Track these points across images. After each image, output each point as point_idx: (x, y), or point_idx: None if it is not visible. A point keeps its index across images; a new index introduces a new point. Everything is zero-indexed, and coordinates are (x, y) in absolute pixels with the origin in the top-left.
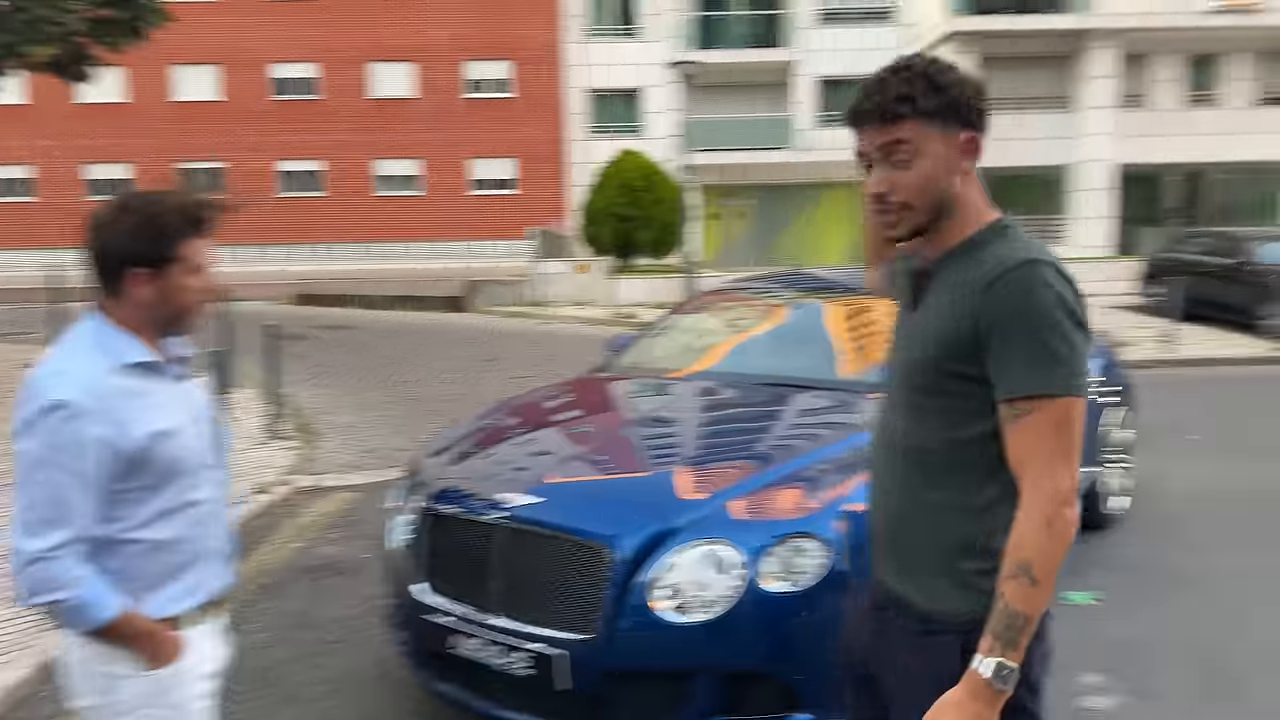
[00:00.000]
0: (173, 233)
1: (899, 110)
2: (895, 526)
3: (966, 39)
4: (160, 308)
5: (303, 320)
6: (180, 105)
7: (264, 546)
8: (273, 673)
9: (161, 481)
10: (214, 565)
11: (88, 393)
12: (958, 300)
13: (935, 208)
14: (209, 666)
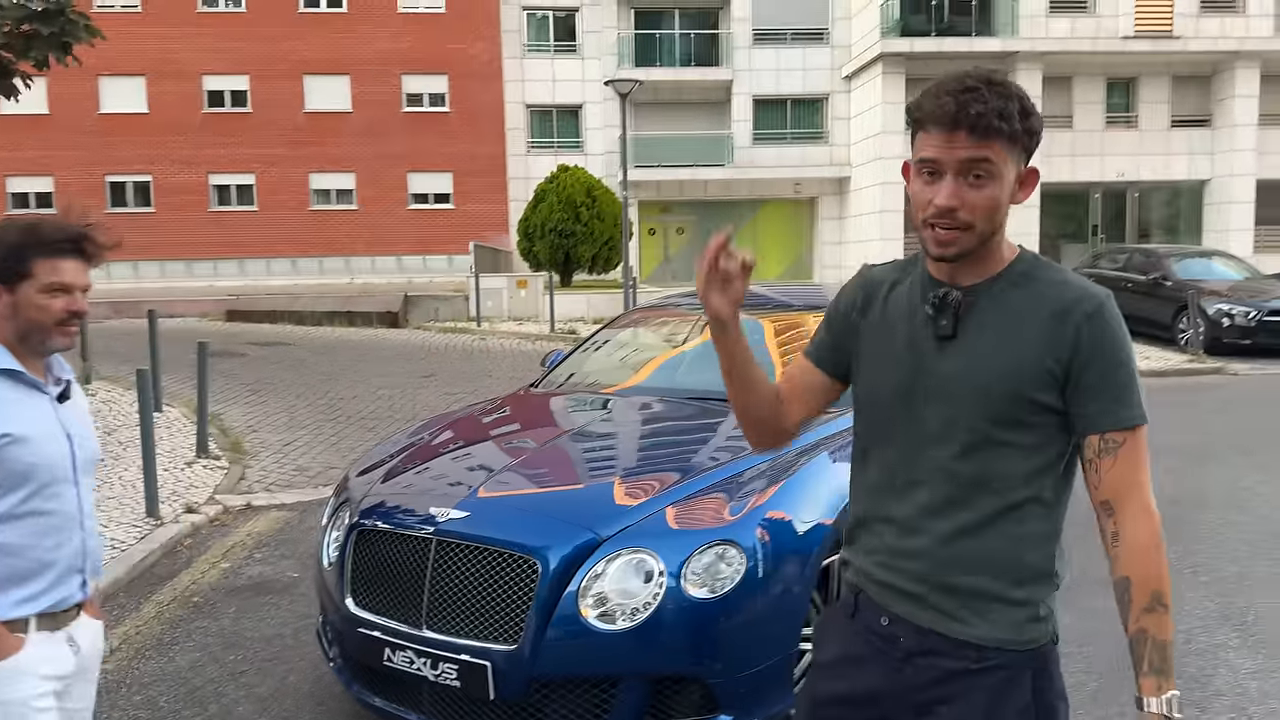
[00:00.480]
0: (19, 251)
1: (997, 127)
2: (947, 561)
3: (895, 60)
4: (14, 322)
5: (232, 337)
6: (107, 117)
7: (193, 566)
8: (203, 692)
9: (14, 483)
10: (61, 577)
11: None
12: (1036, 330)
13: (990, 234)
14: (50, 672)
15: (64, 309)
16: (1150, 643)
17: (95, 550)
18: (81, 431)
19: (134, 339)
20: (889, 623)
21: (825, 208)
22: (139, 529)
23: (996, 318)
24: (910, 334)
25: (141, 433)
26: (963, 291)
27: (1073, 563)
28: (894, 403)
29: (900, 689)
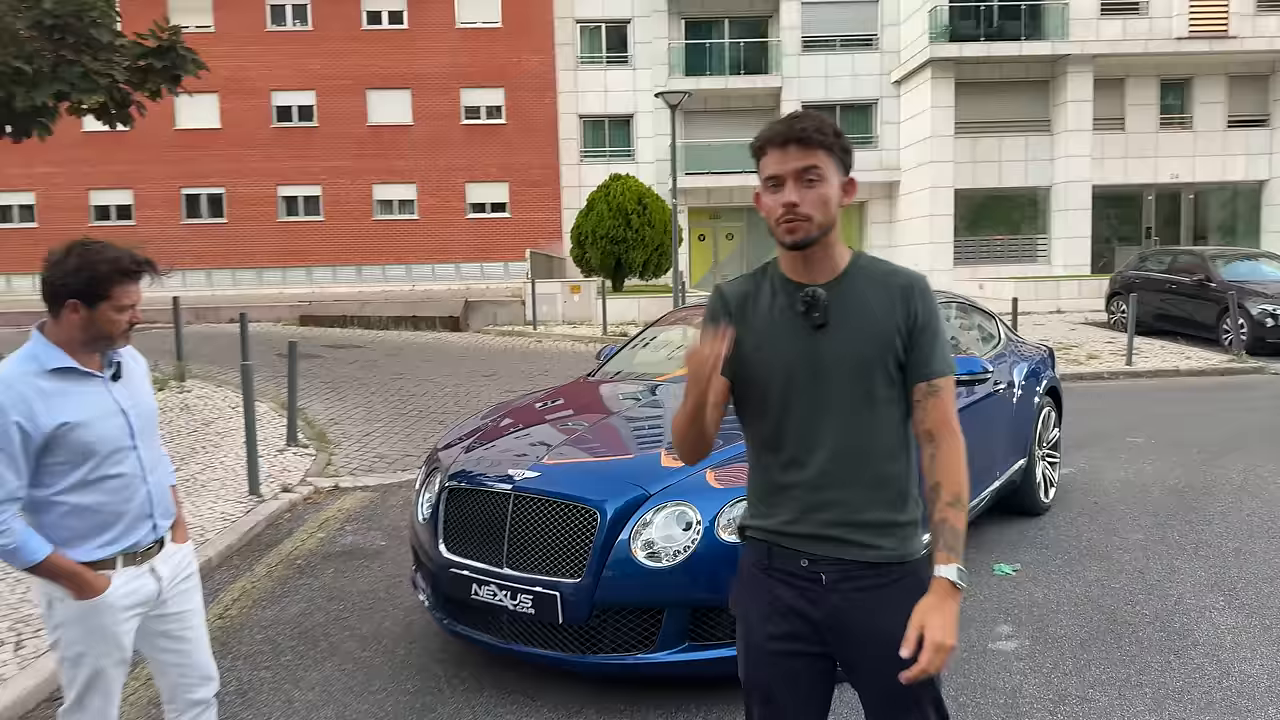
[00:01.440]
0: (104, 278)
1: (818, 139)
2: (854, 503)
3: (944, 65)
4: (88, 331)
5: (308, 340)
6: (183, 133)
7: (294, 536)
8: (313, 633)
9: (77, 459)
10: (133, 524)
11: (8, 394)
12: (885, 309)
13: (826, 227)
14: (132, 601)
15: (129, 321)
16: (948, 528)
17: (162, 497)
18: (136, 402)
19: (215, 342)
20: (809, 564)
21: (875, 212)
22: (244, 505)
23: (853, 305)
24: (787, 329)
25: (246, 421)
26: (822, 288)
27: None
28: (787, 386)
29: (828, 614)
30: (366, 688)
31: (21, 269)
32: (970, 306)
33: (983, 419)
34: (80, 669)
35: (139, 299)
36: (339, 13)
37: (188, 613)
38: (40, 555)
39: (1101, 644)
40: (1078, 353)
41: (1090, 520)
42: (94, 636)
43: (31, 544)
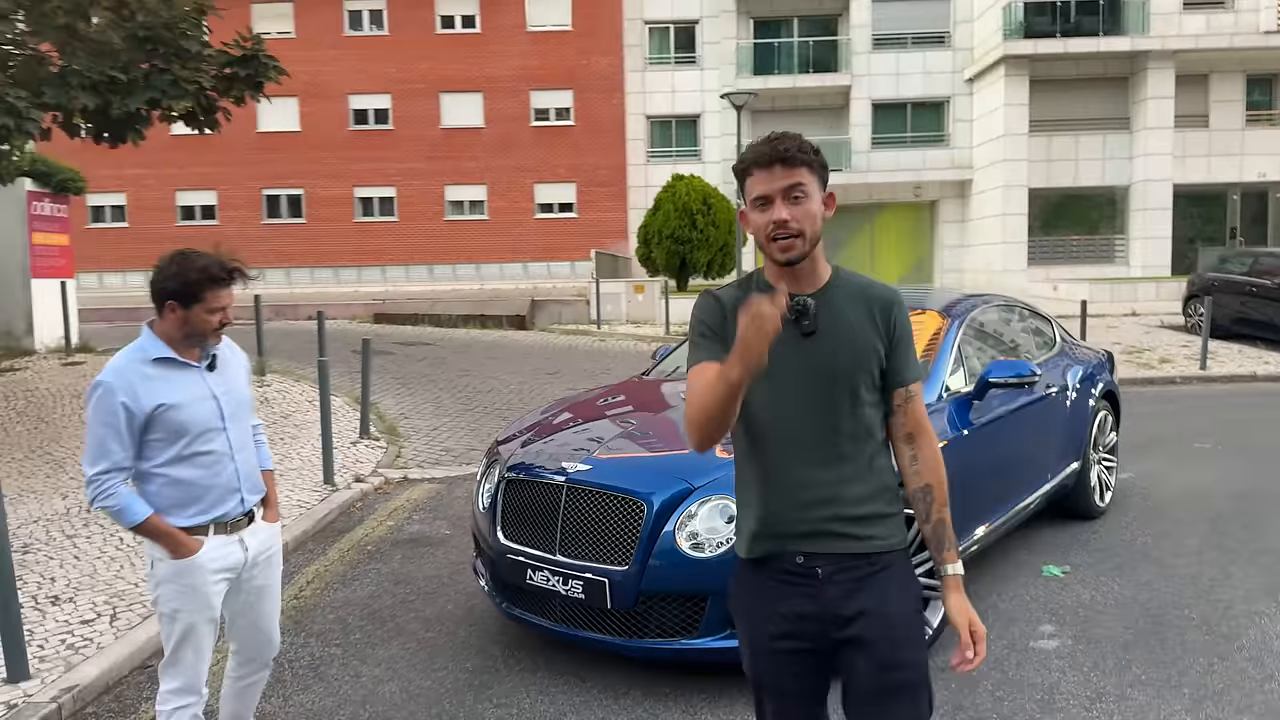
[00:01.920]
0: (197, 284)
1: (801, 158)
2: (847, 499)
3: (1019, 62)
4: (184, 329)
5: (381, 337)
6: (264, 135)
7: (365, 523)
8: (380, 614)
9: (173, 437)
10: (222, 496)
11: (118, 378)
12: (867, 320)
13: (815, 241)
14: (221, 565)
15: (219, 321)
16: (945, 527)
17: (250, 474)
18: (228, 389)
19: (294, 338)
20: (803, 559)
21: (946, 211)
22: (318, 493)
23: (837, 314)
24: (780, 337)
25: (322, 415)
26: (809, 300)
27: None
28: (778, 391)
29: (825, 606)
30: (429, 665)
31: (114, 267)
32: (1027, 310)
33: (1033, 422)
34: (175, 624)
35: (230, 302)
36: (414, 18)
37: (266, 587)
38: (140, 517)
39: (1144, 645)
40: (1150, 356)
41: (1147, 525)
42: (187, 594)
43: (134, 507)
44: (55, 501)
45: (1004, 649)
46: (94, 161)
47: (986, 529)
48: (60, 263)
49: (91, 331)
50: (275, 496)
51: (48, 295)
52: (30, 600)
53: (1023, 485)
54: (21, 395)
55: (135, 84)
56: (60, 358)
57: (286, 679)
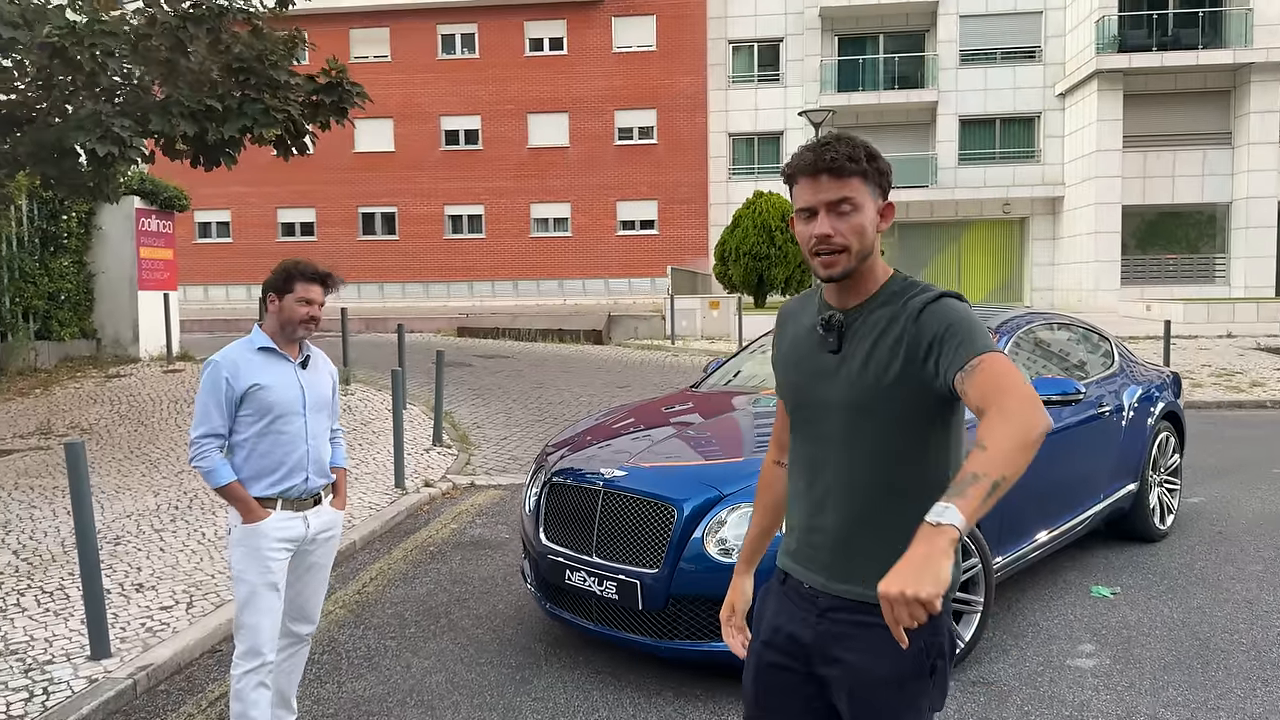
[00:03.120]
0: (290, 275)
1: (851, 168)
2: (852, 533)
3: (1112, 76)
4: (279, 318)
5: (462, 350)
6: (360, 155)
7: (430, 525)
8: (435, 610)
9: (259, 413)
10: (291, 472)
11: (225, 358)
12: (889, 334)
13: (864, 254)
14: (282, 535)
15: (306, 314)
16: (966, 479)
17: (319, 460)
18: (314, 385)
19: (382, 350)
20: (809, 587)
21: (1037, 228)
22: (389, 496)
23: (868, 333)
24: (808, 352)
25: (394, 422)
26: (844, 314)
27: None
28: (800, 410)
29: (817, 640)
30: (475, 660)
31: (218, 280)
32: (1085, 328)
33: (1082, 440)
34: (241, 586)
35: (319, 299)
36: (504, 41)
37: (318, 566)
38: (225, 480)
39: (1186, 668)
40: (1240, 379)
41: (1209, 549)
42: (250, 557)
43: (222, 471)
44: (148, 498)
45: (1039, 665)
46: (200, 180)
47: (1030, 547)
48: (164, 276)
49: (192, 341)
50: (344, 489)
51: (152, 306)
52: (118, 587)
53: (1071, 504)
54: (125, 400)
55: (230, 112)
56: (162, 365)
57: (343, 667)
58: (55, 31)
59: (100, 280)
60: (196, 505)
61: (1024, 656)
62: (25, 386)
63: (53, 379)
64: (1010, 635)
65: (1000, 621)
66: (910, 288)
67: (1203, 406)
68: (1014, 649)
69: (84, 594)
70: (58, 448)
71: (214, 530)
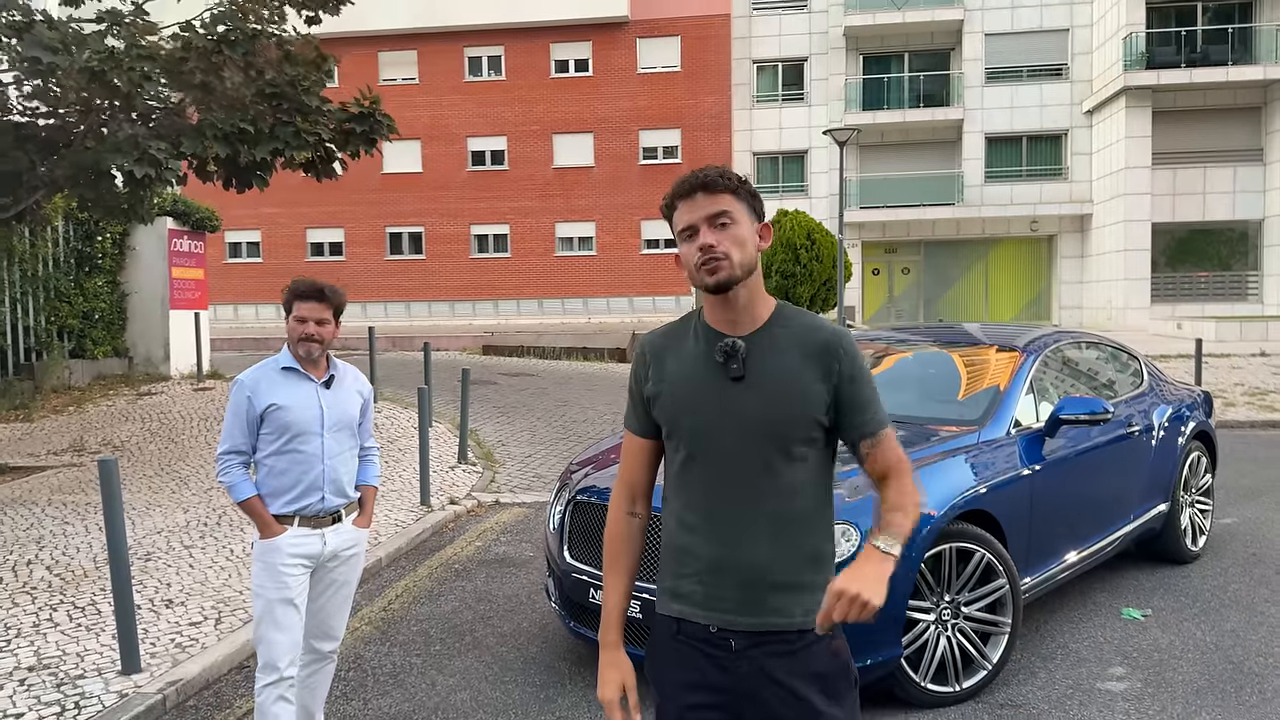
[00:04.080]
0: (288, 298)
1: (723, 184)
2: (767, 565)
3: (1140, 94)
4: (289, 336)
5: (487, 368)
6: (388, 177)
7: (455, 543)
8: (460, 628)
9: (278, 432)
10: (307, 491)
11: (250, 378)
12: (806, 364)
13: (748, 268)
14: (296, 551)
15: (302, 332)
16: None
17: (337, 480)
18: (336, 404)
19: (408, 368)
20: (716, 630)
21: (1065, 246)
22: (414, 514)
23: (772, 359)
24: (703, 380)
25: (419, 440)
26: (743, 340)
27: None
28: (698, 439)
29: (737, 681)
30: (500, 678)
31: (248, 299)
32: (1114, 347)
33: (1111, 460)
34: (258, 600)
35: (315, 316)
36: (530, 63)
37: (341, 583)
38: (244, 496)
39: (1219, 692)
40: (1275, 398)
41: (1243, 571)
42: (267, 572)
43: (242, 486)
44: (178, 515)
45: (1069, 688)
46: (231, 201)
47: (1058, 568)
48: (196, 295)
49: (222, 360)
50: (370, 508)
51: (183, 325)
52: (148, 603)
53: (1100, 525)
54: (156, 417)
55: (262, 135)
56: (192, 383)
57: (368, 684)
58: (95, 56)
59: (133, 300)
60: (225, 522)
61: (1053, 679)
62: (59, 404)
63: (86, 396)
64: (1039, 658)
65: (1028, 643)
66: (802, 314)
67: (1235, 426)
68: (1042, 671)
69: (115, 609)
70: (90, 464)
71: (242, 547)
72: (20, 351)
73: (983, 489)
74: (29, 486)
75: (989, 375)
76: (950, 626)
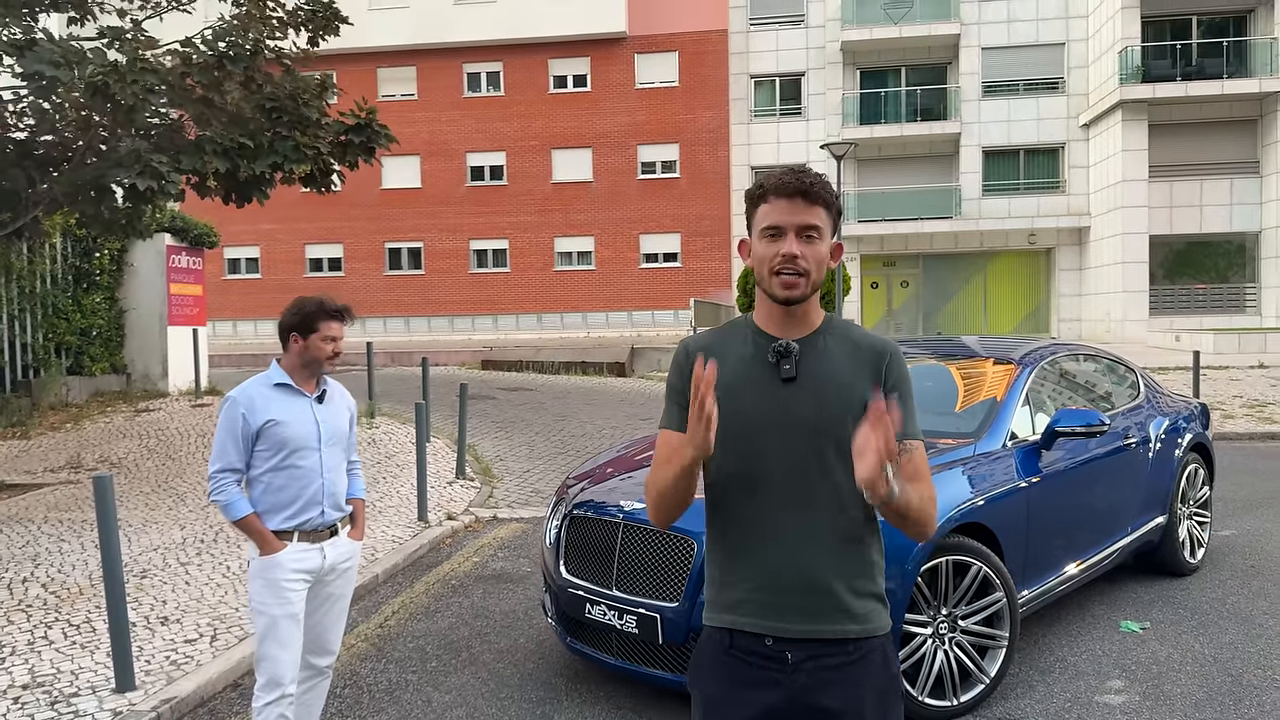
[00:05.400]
0: (313, 315)
1: (824, 196)
2: (823, 571)
3: (1137, 107)
4: (304, 356)
5: (486, 383)
6: (387, 192)
7: (452, 559)
8: (457, 644)
9: (275, 448)
10: (306, 506)
11: (243, 394)
12: (857, 368)
13: (818, 286)
14: (298, 566)
15: (332, 350)
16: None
17: (334, 493)
18: (329, 419)
19: (406, 383)
20: (773, 642)
21: (1063, 259)
22: (412, 529)
23: (824, 362)
24: (755, 381)
25: (417, 456)
26: (793, 345)
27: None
28: (752, 441)
29: (793, 695)
30: (496, 694)
31: (247, 315)
32: (1110, 360)
33: (1108, 472)
34: (260, 618)
35: (340, 335)
36: (529, 79)
37: (337, 596)
38: (241, 514)
39: (1218, 704)
40: (1273, 410)
41: (1241, 583)
42: (268, 589)
43: (238, 504)
44: (174, 532)
45: (1067, 702)
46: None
47: (1055, 581)
48: (194, 311)
49: (220, 376)
50: (362, 520)
51: (182, 341)
52: (143, 620)
53: (1098, 537)
54: (153, 434)
55: (261, 149)
56: (190, 399)
57: (364, 701)
58: (99, 71)
59: (131, 316)
60: (222, 539)
61: (1051, 693)
62: (56, 421)
63: (83, 413)
64: (1037, 671)
65: (1026, 657)
66: (851, 325)
67: (1234, 438)
68: (1040, 685)
69: (110, 627)
70: (87, 482)
71: (238, 564)
72: (18, 368)
73: (980, 501)
74: (25, 504)
75: (985, 387)
76: (948, 640)
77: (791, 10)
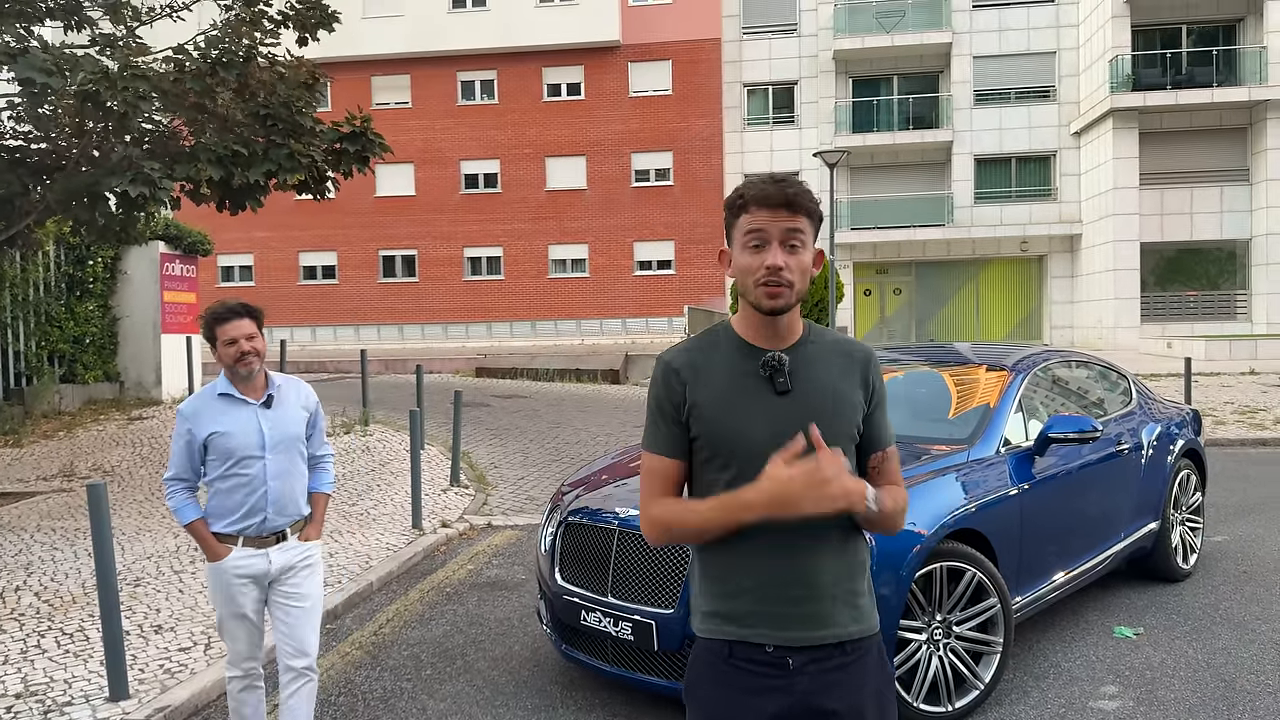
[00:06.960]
0: (207, 326)
1: (808, 205)
2: (823, 576)
3: (1127, 115)
4: (222, 364)
5: (480, 390)
6: (381, 200)
7: (447, 566)
8: (451, 652)
9: (222, 458)
10: (250, 513)
11: (189, 408)
12: (845, 376)
13: (802, 296)
14: (242, 571)
15: (236, 351)
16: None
17: (280, 499)
18: (277, 424)
19: (400, 390)
20: (773, 649)
21: (1055, 266)
22: (406, 537)
23: (813, 372)
24: (749, 394)
25: (411, 463)
26: (782, 356)
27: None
28: (749, 454)
29: (796, 700)
30: (491, 702)
31: None
32: (1103, 366)
33: (1101, 478)
34: (216, 614)
35: (242, 334)
36: (523, 87)
37: (299, 594)
38: (188, 519)
39: (1211, 710)
40: (1264, 416)
41: (1234, 589)
42: (218, 591)
43: (186, 510)
44: (168, 540)
45: (1061, 707)
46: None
47: (1049, 586)
48: (187, 319)
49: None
50: (320, 517)
51: (175, 349)
52: (137, 628)
53: (1091, 543)
54: (147, 441)
55: (255, 157)
56: None
57: (359, 709)
58: (90, 78)
59: (124, 324)
60: None
61: (1045, 699)
62: (50, 429)
63: (76, 421)
64: (1031, 677)
65: (1020, 663)
66: (828, 330)
67: (1226, 444)
68: (1035, 691)
69: (103, 635)
70: (80, 490)
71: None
72: (11, 377)
73: (973, 507)
74: (18, 512)
75: (978, 394)
76: (942, 646)
77: (784, 19)
